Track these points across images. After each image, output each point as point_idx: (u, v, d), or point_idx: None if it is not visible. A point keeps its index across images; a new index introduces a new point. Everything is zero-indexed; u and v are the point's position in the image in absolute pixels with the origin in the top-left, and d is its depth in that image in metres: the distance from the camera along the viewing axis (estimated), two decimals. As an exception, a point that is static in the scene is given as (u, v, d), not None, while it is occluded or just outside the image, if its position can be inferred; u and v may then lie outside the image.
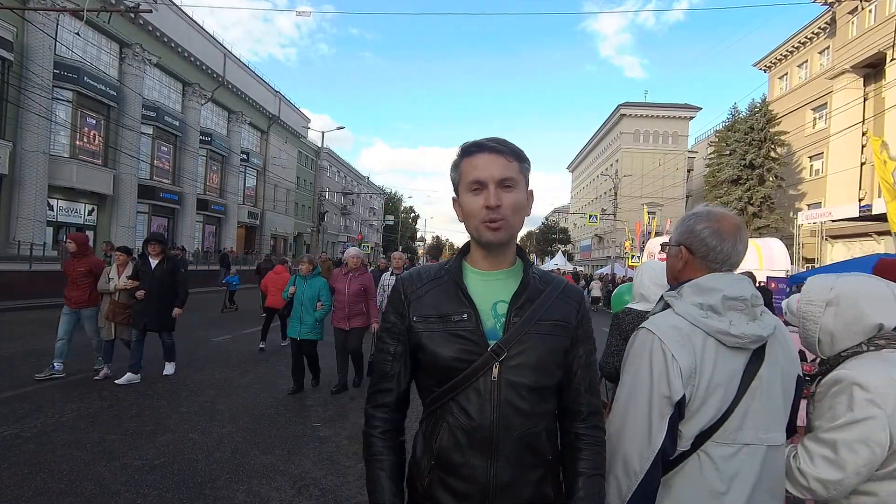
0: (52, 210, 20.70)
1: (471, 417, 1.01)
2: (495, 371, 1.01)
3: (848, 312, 1.25)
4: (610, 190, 37.18)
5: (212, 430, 4.19)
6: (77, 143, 21.01)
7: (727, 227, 1.20)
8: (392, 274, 6.62)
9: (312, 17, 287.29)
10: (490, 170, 1.02)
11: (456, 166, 1.09)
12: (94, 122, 22.08)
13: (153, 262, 5.68)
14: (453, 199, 1.12)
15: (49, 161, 19.39)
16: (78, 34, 18.46)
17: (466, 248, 1.16)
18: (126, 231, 23.09)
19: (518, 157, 1.05)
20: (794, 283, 8.98)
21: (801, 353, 2.44)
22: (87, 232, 22.43)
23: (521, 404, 1.01)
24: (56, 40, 19.20)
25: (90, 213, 22.59)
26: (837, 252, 22.23)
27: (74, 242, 5.68)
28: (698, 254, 1.22)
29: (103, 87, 21.68)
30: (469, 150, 1.06)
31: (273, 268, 8.69)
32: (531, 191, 1.11)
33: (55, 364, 5.42)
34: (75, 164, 20.61)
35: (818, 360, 1.39)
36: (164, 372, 5.90)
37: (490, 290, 1.08)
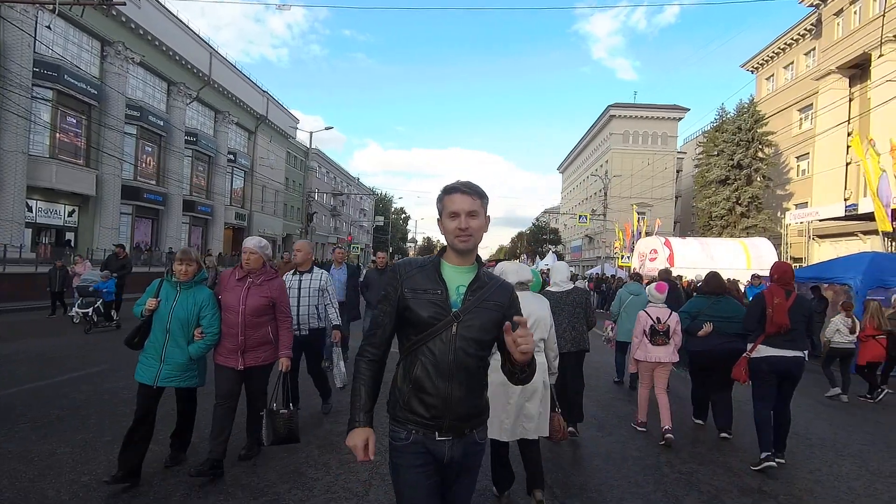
0: (31, 211, 20.20)
1: (436, 356, 1.56)
2: (454, 328, 1.57)
3: None
4: (600, 191, 37.23)
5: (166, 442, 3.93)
6: (57, 142, 20.54)
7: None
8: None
9: (304, 18, 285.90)
10: (462, 205, 1.59)
11: (440, 199, 1.66)
12: (76, 121, 21.61)
13: None
14: (437, 220, 1.69)
15: (28, 161, 18.92)
16: (49, 27, 17.97)
17: (444, 250, 1.71)
18: (109, 233, 22.61)
19: (480, 196, 1.63)
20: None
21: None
22: (68, 234, 21.99)
23: (469, 349, 1.58)
24: (35, 38, 18.77)
25: (70, 215, 22.10)
26: (824, 251, 22.39)
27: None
28: None
29: (84, 86, 21.21)
30: (449, 191, 1.64)
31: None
32: (488, 216, 1.68)
33: None
34: (55, 165, 20.13)
35: None
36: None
37: (456, 277, 1.64)
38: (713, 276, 5.15)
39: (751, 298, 7.39)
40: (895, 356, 6.61)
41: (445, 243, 1.69)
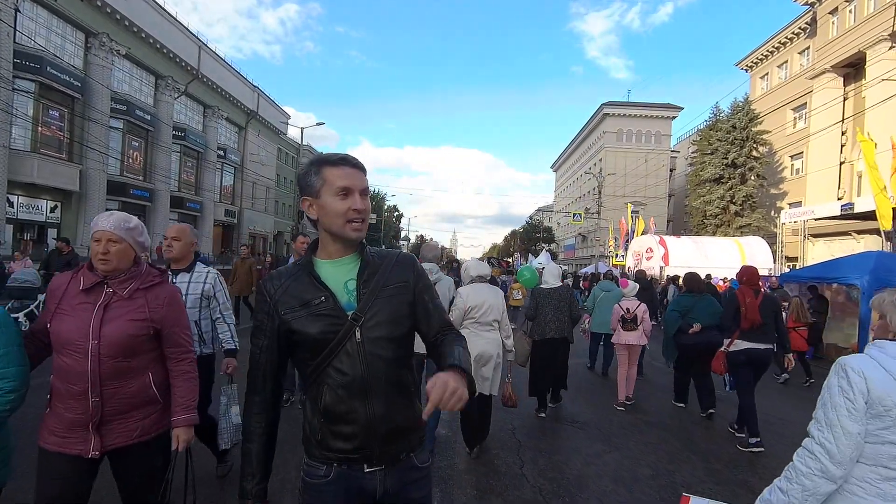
0: (13, 207, 19.63)
1: (345, 374, 1.25)
2: (358, 334, 1.26)
3: None
4: (594, 189, 37.12)
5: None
6: (39, 136, 19.96)
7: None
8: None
9: (298, 14, 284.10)
10: (356, 180, 1.29)
11: (317, 173, 1.29)
12: (58, 114, 21.03)
13: None
14: (304, 199, 1.32)
15: (9, 155, 18.36)
16: (18, 10, 17.47)
17: (315, 244, 1.39)
18: (94, 229, 22.03)
19: (365, 173, 1.34)
20: (785, 281, 8.77)
21: None
22: (50, 230, 21.42)
23: (384, 353, 1.28)
24: (15, 29, 18.21)
25: (53, 211, 21.51)
26: (818, 251, 22.34)
27: None
28: None
29: (68, 78, 20.63)
30: (334, 162, 1.30)
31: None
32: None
33: None
34: (36, 159, 19.56)
35: None
36: None
37: (340, 273, 1.33)
38: (694, 277, 5.96)
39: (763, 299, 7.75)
40: (815, 345, 8.23)
41: (326, 235, 1.34)
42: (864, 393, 1.41)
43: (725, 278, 14.60)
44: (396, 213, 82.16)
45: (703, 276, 11.47)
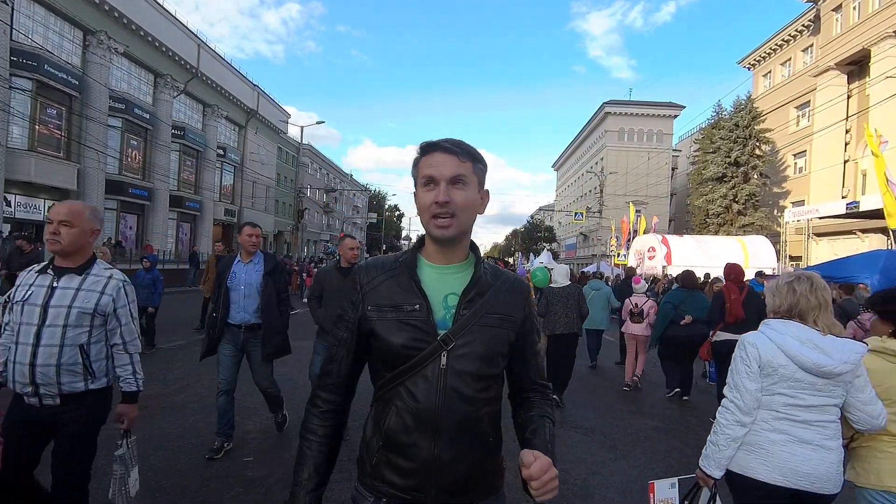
0: (10, 206, 19.48)
1: (417, 401, 1.09)
2: (443, 359, 1.09)
3: None
4: (595, 188, 36.94)
5: (105, 472, 3.39)
6: (36, 134, 19.81)
7: None
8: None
9: (300, 14, 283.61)
10: (442, 168, 1.10)
11: (416, 164, 1.16)
12: (56, 112, 20.87)
13: None
14: (414, 194, 1.17)
15: (6, 154, 18.22)
16: (13, 7, 17.31)
17: (421, 241, 1.22)
18: (92, 228, 21.90)
19: (472, 158, 1.13)
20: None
21: None
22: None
23: (466, 391, 1.10)
24: (11, 27, 18.05)
25: (50, 209, 21.34)
26: (822, 250, 22.16)
27: None
28: None
29: (65, 76, 20.47)
30: (425, 149, 1.15)
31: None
32: (486, 190, 1.19)
33: None
34: (34, 158, 19.40)
35: None
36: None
37: (442, 283, 1.15)
38: (689, 275, 6.42)
39: (761, 292, 7.98)
40: None
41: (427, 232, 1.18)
42: (756, 359, 1.89)
43: (716, 278, 14.38)
44: (398, 213, 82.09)
45: (702, 276, 11.80)
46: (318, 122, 31.42)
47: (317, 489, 1.15)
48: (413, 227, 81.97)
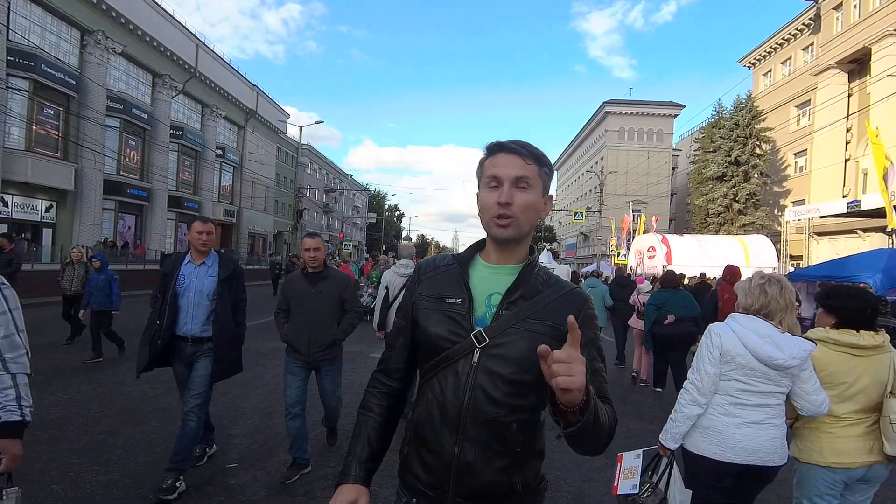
0: (7, 206, 19.42)
1: (445, 395, 1.09)
2: (475, 356, 1.08)
3: None
4: (595, 188, 36.85)
5: (85, 478, 3.23)
6: (33, 134, 19.74)
7: None
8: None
9: (301, 14, 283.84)
10: (507, 168, 1.10)
11: (481, 164, 1.17)
12: (53, 112, 20.81)
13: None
14: (476, 194, 1.18)
15: (2, 154, 18.15)
16: (10, 8, 17.28)
17: (483, 242, 1.23)
18: (91, 229, 21.85)
19: (538, 161, 1.12)
20: (793, 280, 8.50)
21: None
22: (46, 230, 21.21)
23: (494, 392, 1.06)
24: (8, 27, 17.98)
25: (48, 210, 21.29)
26: (823, 249, 22.04)
27: None
28: None
29: (63, 76, 20.41)
30: (492, 150, 1.15)
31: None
32: (550, 196, 1.19)
33: None
34: (31, 158, 19.34)
35: None
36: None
37: (491, 282, 1.15)
38: (670, 275, 6.62)
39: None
40: None
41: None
42: (719, 347, 2.14)
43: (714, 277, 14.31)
44: (398, 213, 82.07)
45: (702, 275, 11.78)
46: (316, 122, 31.38)
47: (368, 461, 1.16)
48: (413, 227, 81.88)
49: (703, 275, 12.38)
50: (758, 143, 27.77)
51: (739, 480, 2.13)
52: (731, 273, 5.63)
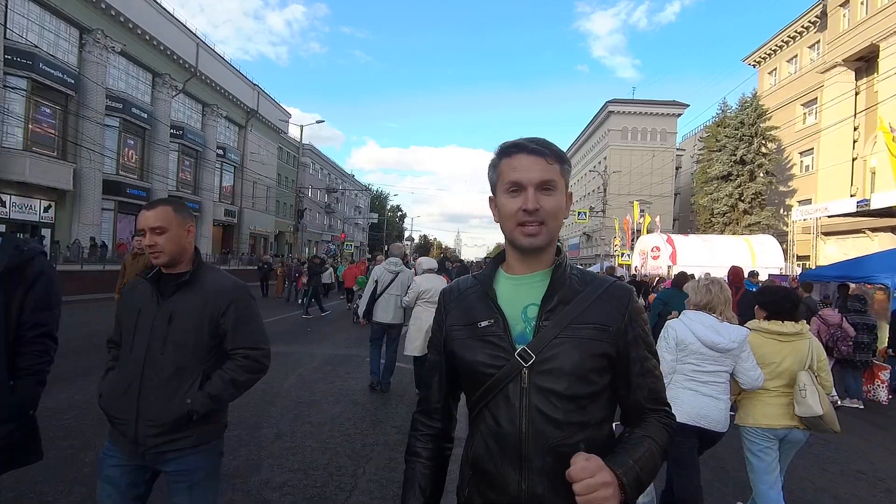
0: (5, 206, 19.27)
1: (500, 425, 1.01)
2: (523, 377, 1.00)
3: None
4: (598, 187, 36.59)
5: (48, 500, 2.99)
6: (31, 134, 19.59)
7: None
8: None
9: (304, 16, 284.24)
10: (529, 172, 1.02)
11: (494, 166, 1.08)
12: (51, 112, 20.66)
13: None
14: (490, 198, 1.12)
15: (0, 154, 18.00)
16: (7, 6, 17.15)
17: (502, 255, 1.15)
18: (90, 229, 21.69)
19: (559, 159, 1.04)
20: (803, 280, 8.24)
21: None
22: (44, 230, 21.06)
23: (553, 413, 0.98)
24: (6, 26, 17.84)
25: (46, 210, 21.14)
26: (830, 249, 21.70)
27: None
28: None
29: (61, 75, 20.25)
30: (508, 151, 1.06)
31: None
32: (570, 193, 1.10)
33: None
34: (28, 158, 19.18)
35: None
36: None
37: (521, 294, 1.07)
38: (682, 275, 6.82)
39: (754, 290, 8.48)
40: None
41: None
42: (674, 338, 2.70)
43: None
44: (400, 213, 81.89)
45: (706, 276, 12.55)
46: (318, 122, 31.22)
47: None
48: (415, 228, 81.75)
49: (707, 275, 12.13)
50: (763, 141, 27.45)
51: (695, 441, 2.70)
52: (735, 274, 6.05)
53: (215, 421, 1.81)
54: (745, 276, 8.35)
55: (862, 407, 6.26)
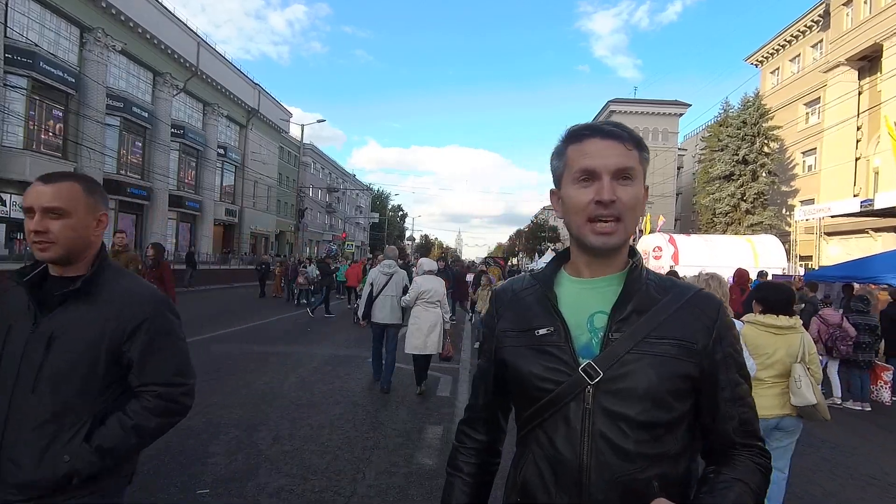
0: (5, 205, 19.25)
1: (557, 450, 0.88)
2: (588, 397, 0.86)
3: None
4: (599, 187, 36.46)
5: None
6: (31, 133, 19.56)
7: None
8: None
9: (305, 15, 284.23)
10: (605, 157, 0.88)
11: (559, 154, 0.95)
12: (52, 110, 20.63)
13: None
14: (552, 191, 1.00)
15: (1, 152, 17.98)
16: (8, 5, 17.13)
17: (566, 253, 1.02)
18: (89, 228, 21.64)
19: (638, 146, 0.91)
20: (808, 279, 8.18)
21: None
22: (45, 229, 20.99)
23: (622, 441, 0.84)
24: (6, 25, 17.81)
25: (47, 209, 21.10)
26: (833, 250, 21.59)
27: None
28: None
29: (62, 74, 20.23)
30: (578, 135, 0.92)
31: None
32: (646, 186, 0.94)
33: None
34: (29, 157, 19.16)
35: None
36: None
37: (587, 300, 0.93)
38: (672, 275, 6.64)
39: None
40: None
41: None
42: None
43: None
44: (401, 213, 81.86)
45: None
46: (319, 121, 31.26)
47: None
48: (416, 228, 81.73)
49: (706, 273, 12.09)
50: (766, 141, 27.33)
51: None
52: (740, 276, 6.30)
53: (115, 474, 1.30)
54: (754, 276, 8.41)
55: (869, 409, 6.20)
